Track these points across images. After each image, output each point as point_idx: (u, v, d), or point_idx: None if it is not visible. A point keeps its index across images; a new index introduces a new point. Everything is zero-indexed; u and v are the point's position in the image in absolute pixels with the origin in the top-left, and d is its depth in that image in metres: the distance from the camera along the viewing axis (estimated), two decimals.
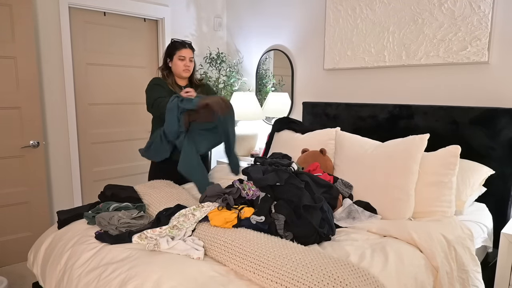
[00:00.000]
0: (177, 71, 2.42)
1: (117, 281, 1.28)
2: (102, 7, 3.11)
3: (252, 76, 3.76)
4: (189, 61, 2.41)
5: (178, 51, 2.38)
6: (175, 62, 2.40)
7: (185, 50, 2.39)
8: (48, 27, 2.86)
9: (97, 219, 1.64)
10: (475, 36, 2.23)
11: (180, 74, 2.42)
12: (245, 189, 1.76)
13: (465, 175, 2.02)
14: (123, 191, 1.95)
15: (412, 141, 1.95)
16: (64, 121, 3.02)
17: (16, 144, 2.70)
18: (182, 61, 2.39)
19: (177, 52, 2.38)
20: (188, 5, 3.68)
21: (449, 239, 1.61)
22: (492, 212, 2.10)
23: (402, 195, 1.86)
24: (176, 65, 2.40)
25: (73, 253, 1.54)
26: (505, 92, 2.19)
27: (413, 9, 2.48)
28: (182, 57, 2.38)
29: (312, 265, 1.22)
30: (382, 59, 2.67)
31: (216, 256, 1.39)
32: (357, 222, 1.78)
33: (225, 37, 4.01)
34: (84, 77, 3.15)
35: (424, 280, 1.44)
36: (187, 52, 2.40)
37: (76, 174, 3.12)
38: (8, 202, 2.72)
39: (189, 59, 2.41)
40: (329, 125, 2.75)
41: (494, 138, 2.14)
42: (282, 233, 1.52)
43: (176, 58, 2.39)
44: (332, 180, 2.04)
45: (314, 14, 3.14)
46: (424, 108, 2.42)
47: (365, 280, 1.20)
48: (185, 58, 2.39)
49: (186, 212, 1.64)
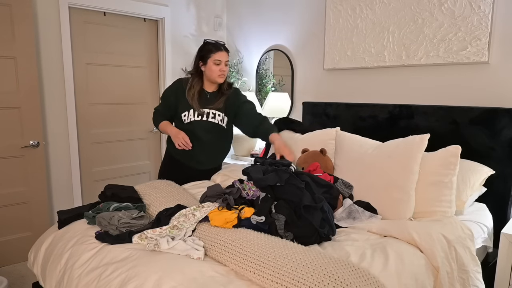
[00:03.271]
0: (212, 76, 2.25)
1: (117, 281, 1.28)
2: (102, 7, 3.11)
3: (252, 76, 3.76)
4: (225, 65, 2.24)
5: (213, 54, 2.19)
6: (210, 66, 2.21)
7: (221, 53, 2.21)
8: (48, 27, 2.86)
9: (97, 219, 1.64)
10: (475, 36, 2.23)
11: (214, 80, 2.26)
12: (245, 189, 1.75)
13: (465, 175, 2.02)
14: (123, 191, 1.95)
15: (412, 141, 1.95)
16: (64, 121, 3.02)
17: (16, 144, 2.70)
18: (217, 66, 2.21)
19: (212, 55, 2.19)
20: (188, 5, 3.68)
21: (449, 239, 1.61)
22: (492, 212, 2.11)
23: (402, 195, 1.86)
24: (210, 70, 2.22)
25: (73, 253, 1.54)
26: (505, 92, 2.19)
27: (413, 9, 2.48)
28: (217, 61, 2.20)
29: (313, 265, 1.22)
30: (382, 59, 2.67)
31: (216, 256, 1.39)
32: (358, 222, 1.78)
33: (225, 37, 4.01)
34: (84, 77, 3.15)
35: (425, 280, 1.44)
36: (223, 56, 2.22)
37: (76, 174, 3.12)
38: (8, 202, 2.72)
39: (225, 63, 2.24)
40: (329, 125, 2.74)
41: (494, 138, 2.14)
42: (282, 233, 1.52)
43: (210, 62, 2.20)
44: (332, 180, 2.04)
45: (314, 14, 3.14)
46: (424, 108, 2.42)
47: (365, 280, 1.20)
48: (221, 62, 2.21)
49: (186, 212, 1.64)
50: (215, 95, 2.32)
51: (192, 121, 2.29)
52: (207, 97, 2.30)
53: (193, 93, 2.25)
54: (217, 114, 2.30)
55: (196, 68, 2.27)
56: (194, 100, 2.26)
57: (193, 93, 2.25)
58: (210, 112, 2.29)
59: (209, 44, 2.23)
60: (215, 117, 2.30)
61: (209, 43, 2.24)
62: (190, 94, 2.26)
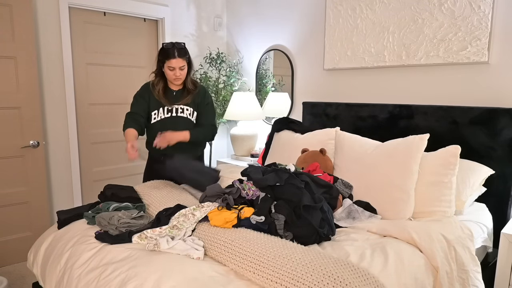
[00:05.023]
0: (169, 80, 2.32)
1: (117, 281, 1.28)
2: (102, 7, 3.11)
3: (252, 76, 3.76)
4: (180, 70, 2.24)
5: (167, 61, 2.21)
6: (165, 71, 2.26)
7: (174, 61, 2.19)
8: (48, 27, 2.86)
9: (97, 219, 1.64)
10: (475, 36, 2.23)
11: (172, 82, 2.33)
12: (245, 189, 1.76)
13: (465, 175, 2.02)
14: (123, 191, 1.95)
15: (412, 141, 1.95)
16: (64, 121, 3.02)
17: (16, 144, 2.70)
18: (171, 71, 2.23)
19: (166, 61, 2.21)
20: (188, 5, 3.68)
21: (449, 239, 1.61)
22: (492, 212, 2.11)
23: (402, 195, 1.86)
24: (166, 74, 2.27)
25: (73, 253, 1.54)
26: (505, 92, 2.19)
27: (413, 9, 2.48)
28: (171, 67, 2.22)
29: (312, 265, 1.22)
30: (382, 59, 2.67)
31: (216, 256, 1.39)
32: (357, 222, 1.78)
33: (225, 37, 4.01)
34: (84, 77, 3.15)
35: (424, 280, 1.44)
36: (176, 63, 2.20)
37: (76, 174, 3.12)
38: (8, 202, 2.72)
39: (180, 68, 2.23)
40: (329, 125, 2.75)
41: (494, 138, 2.14)
42: (282, 233, 1.52)
43: (165, 67, 2.24)
44: (332, 180, 2.04)
45: (314, 14, 3.14)
46: (424, 108, 2.42)
47: (365, 280, 1.20)
48: (174, 68, 2.22)
49: (186, 212, 1.64)
50: (181, 93, 2.36)
51: (162, 118, 2.33)
52: (174, 94, 2.35)
53: (158, 90, 2.31)
54: (185, 108, 2.34)
55: (159, 69, 2.31)
56: (161, 97, 2.31)
57: (158, 91, 2.31)
58: (179, 108, 2.34)
59: (163, 50, 2.24)
60: (183, 111, 2.34)
61: (163, 49, 2.24)
62: (155, 92, 2.32)
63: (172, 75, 2.24)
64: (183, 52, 2.24)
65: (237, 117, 3.32)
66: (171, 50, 2.21)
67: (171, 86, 2.36)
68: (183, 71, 2.27)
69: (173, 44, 2.23)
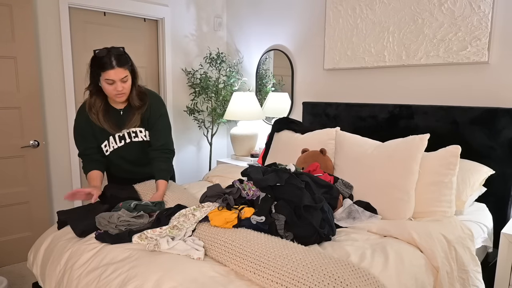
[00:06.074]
0: (109, 96, 1.84)
1: (117, 281, 1.28)
2: (102, 7, 3.11)
3: (252, 76, 3.76)
4: (122, 82, 1.77)
5: (102, 73, 1.73)
6: (103, 85, 1.77)
7: (112, 72, 1.71)
8: (48, 27, 2.86)
9: (97, 219, 1.64)
10: (475, 36, 2.23)
11: (114, 100, 1.85)
12: (245, 189, 1.76)
13: (465, 175, 2.02)
14: (123, 192, 1.94)
15: (412, 141, 1.95)
16: (64, 121, 3.02)
17: (16, 144, 2.70)
18: (111, 85, 1.76)
19: (102, 73, 1.73)
20: (188, 5, 3.68)
21: (449, 239, 1.61)
22: (492, 212, 2.11)
23: (402, 195, 1.86)
24: (104, 89, 1.78)
25: (73, 254, 1.54)
26: (505, 92, 2.19)
27: (413, 9, 2.48)
28: (109, 80, 1.74)
29: (313, 265, 1.22)
30: (382, 59, 2.67)
31: (217, 256, 1.39)
32: (358, 222, 1.78)
33: (225, 37, 4.01)
34: (84, 77, 3.15)
35: (425, 280, 1.44)
36: (116, 74, 1.72)
37: (76, 174, 3.12)
38: (8, 202, 2.72)
39: (121, 80, 1.76)
40: (329, 125, 2.75)
41: (494, 138, 2.14)
42: (282, 233, 1.52)
43: (102, 80, 1.75)
44: (332, 181, 2.04)
45: (314, 14, 3.14)
46: (424, 108, 2.42)
47: (365, 280, 1.20)
48: (114, 81, 1.75)
49: (186, 212, 1.64)
50: (128, 111, 1.91)
51: (115, 149, 1.96)
52: (120, 114, 1.90)
53: (96, 112, 1.84)
54: (138, 131, 1.96)
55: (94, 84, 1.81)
56: (104, 122, 1.85)
57: (96, 113, 1.84)
58: (131, 132, 1.94)
59: (96, 59, 1.74)
60: (137, 135, 1.96)
61: (96, 58, 1.74)
62: (93, 116, 1.84)
63: (113, 90, 1.77)
64: (123, 59, 1.77)
65: (237, 117, 3.32)
66: (106, 58, 1.72)
67: (114, 104, 1.90)
68: (126, 84, 1.79)
69: (109, 50, 1.74)
